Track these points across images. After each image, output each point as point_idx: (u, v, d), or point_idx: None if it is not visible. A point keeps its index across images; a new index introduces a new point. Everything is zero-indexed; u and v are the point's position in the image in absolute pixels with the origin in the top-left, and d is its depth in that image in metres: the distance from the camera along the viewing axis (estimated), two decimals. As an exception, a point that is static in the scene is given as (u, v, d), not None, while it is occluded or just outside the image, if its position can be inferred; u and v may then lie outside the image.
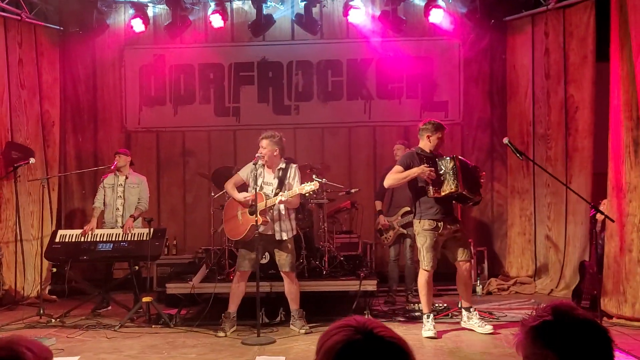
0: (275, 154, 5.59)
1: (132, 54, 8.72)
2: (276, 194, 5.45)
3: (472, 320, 5.42)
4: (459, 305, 6.34)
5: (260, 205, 5.31)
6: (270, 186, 5.55)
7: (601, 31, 7.17)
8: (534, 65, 8.04)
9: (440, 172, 5.26)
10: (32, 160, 6.99)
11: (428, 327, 5.29)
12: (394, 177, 5.43)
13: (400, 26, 8.22)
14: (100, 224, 6.88)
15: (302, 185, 5.35)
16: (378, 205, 7.19)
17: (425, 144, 5.44)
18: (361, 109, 8.66)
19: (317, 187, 5.42)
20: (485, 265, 7.99)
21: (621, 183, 5.92)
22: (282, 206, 5.50)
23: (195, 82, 8.72)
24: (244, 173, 5.68)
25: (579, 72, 7.56)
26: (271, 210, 5.49)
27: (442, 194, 5.25)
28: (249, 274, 5.58)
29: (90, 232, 6.59)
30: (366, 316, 5.79)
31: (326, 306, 6.31)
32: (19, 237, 7.36)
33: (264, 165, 5.55)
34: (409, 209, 6.89)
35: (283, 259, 5.52)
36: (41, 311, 6.23)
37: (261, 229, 5.30)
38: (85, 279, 7.38)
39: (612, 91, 6.11)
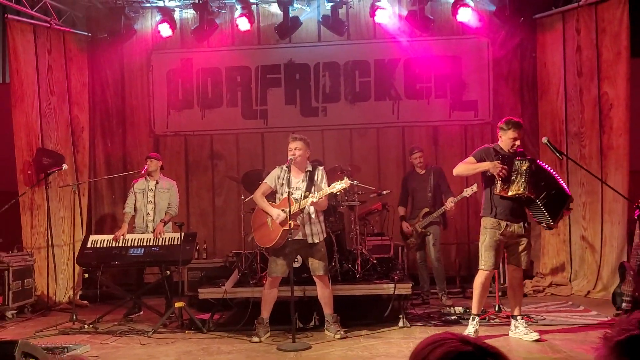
0: (307, 156, 5.53)
1: (160, 59, 8.75)
2: (305, 197, 5.38)
3: (518, 329, 5.25)
4: (496, 309, 6.23)
5: (292, 209, 5.24)
6: (299, 190, 5.45)
7: (635, 27, 7.01)
8: (566, 63, 7.89)
9: (513, 172, 5.09)
10: (65, 166, 7.02)
11: (470, 329, 5.15)
12: (465, 166, 5.28)
13: (428, 25, 8.13)
14: (131, 229, 6.87)
15: (333, 184, 5.27)
16: (401, 210, 7.25)
17: (501, 143, 5.27)
18: (389, 110, 8.58)
19: (348, 186, 5.33)
20: (520, 267, 7.83)
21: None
22: (312, 209, 5.42)
23: (223, 85, 8.73)
24: (271, 180, 5.60)
25: (612, 68, 7.39)
26: (301, 214, 5.42)
27: (509, 193, 5.05)
28: (280, 279, 5.52)
29: (121, 238, 6.59)
30: (401, 320, 5.73)
31: (359, 310, 6.22)
32: (50, 243, 7.41)
33: (290, 168, 5.43)
34: (428, 209, 6.88)
35: (316, 262, 5.44)
36: (74, 317, 6.24)
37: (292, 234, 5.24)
38: (117, 284, 7.37)
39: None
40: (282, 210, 5.36)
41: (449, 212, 6.93)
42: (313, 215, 5.47)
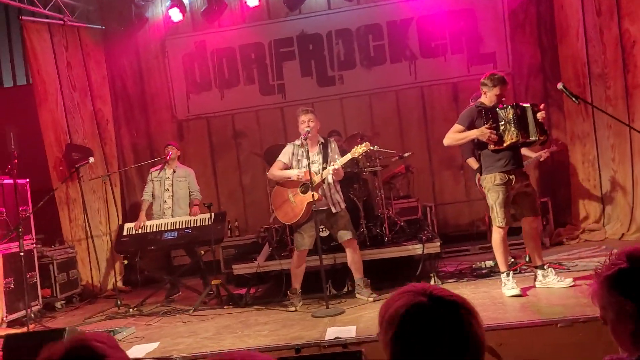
0: (318, 127, 5.59)
1: (174, 44, 8.84)
2: (324, 168, 5.44)
3: (548, 278, 5.18)
4: (526, 259, 6.22)
5: (315, 180, 5.32)
6: (315, 163, 5.53)
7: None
8: (584, 3, 7.63)
9: (501, 123, 5.03)
10: (91, 159, 7.20)
11: (510, 285, 5.06)
12: (452, 137, 5.23)
13: (438, -21, 7.99)
14: (149, 216, 7.02)
15: (354, 149, 5.33)
16: (472, 162, 5.99)
17: (484, 99, 5.20)
18: (406, 71, 8.51)
19: (368, 149, 5.37)
20: (551, 216, 7.78)
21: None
22: (330, 179, 5.49)
23: (238, 64, 8.78)
24: (285, 157, 5.65)
25: (632, 4, 7.14)
26: (323, 185, 5.49)
27: (504, 145, 5.01)
28: (307, 251, 5.60)
29: (143, 224, 6.72)
30: (432, 279, 5.79)
31: (392, 273, 6.30)
32: (89, 234, 7.68)
33: (306, 142, 5.43)
34: None
35: (342, 229, 5.53)
36: (118, 302, 6.51)
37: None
38: (155, 268, 7.62)
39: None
40: (303, 183, 5.45)
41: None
42: (332, 186, 5.55)
